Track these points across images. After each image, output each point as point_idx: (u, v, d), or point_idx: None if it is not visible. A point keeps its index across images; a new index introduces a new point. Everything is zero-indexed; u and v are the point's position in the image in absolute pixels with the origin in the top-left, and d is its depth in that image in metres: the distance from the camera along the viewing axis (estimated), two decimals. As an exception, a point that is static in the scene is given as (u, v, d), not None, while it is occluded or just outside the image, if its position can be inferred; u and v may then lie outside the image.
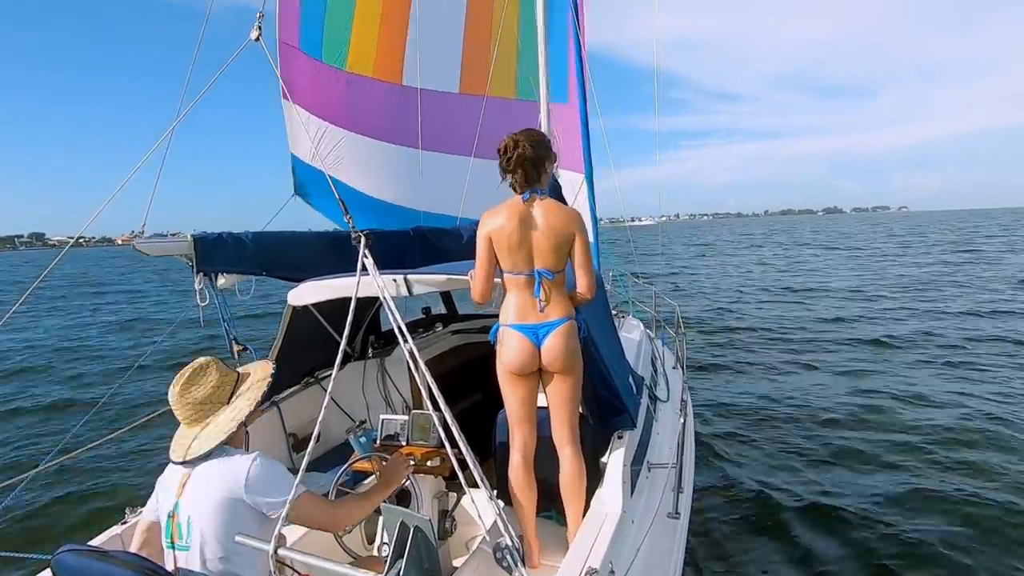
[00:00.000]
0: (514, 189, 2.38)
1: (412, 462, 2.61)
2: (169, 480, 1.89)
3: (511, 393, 2.41)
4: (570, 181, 4.23)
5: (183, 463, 1.83)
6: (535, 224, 2.29)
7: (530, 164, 2.31)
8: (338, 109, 5.50)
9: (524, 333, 2.32)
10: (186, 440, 1.87)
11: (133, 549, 1.98)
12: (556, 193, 3.60)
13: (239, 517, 1.76)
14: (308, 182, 5.36)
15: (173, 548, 1.80)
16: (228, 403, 1.94)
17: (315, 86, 5.33)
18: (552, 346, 2.30)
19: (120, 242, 2.86)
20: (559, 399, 2.38)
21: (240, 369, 2.08)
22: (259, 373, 2.04)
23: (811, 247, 39.86)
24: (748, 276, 24.01)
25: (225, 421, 1.88)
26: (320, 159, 5.24)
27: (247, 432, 2.02)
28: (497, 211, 2.35)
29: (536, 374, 2.39)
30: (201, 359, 1.98)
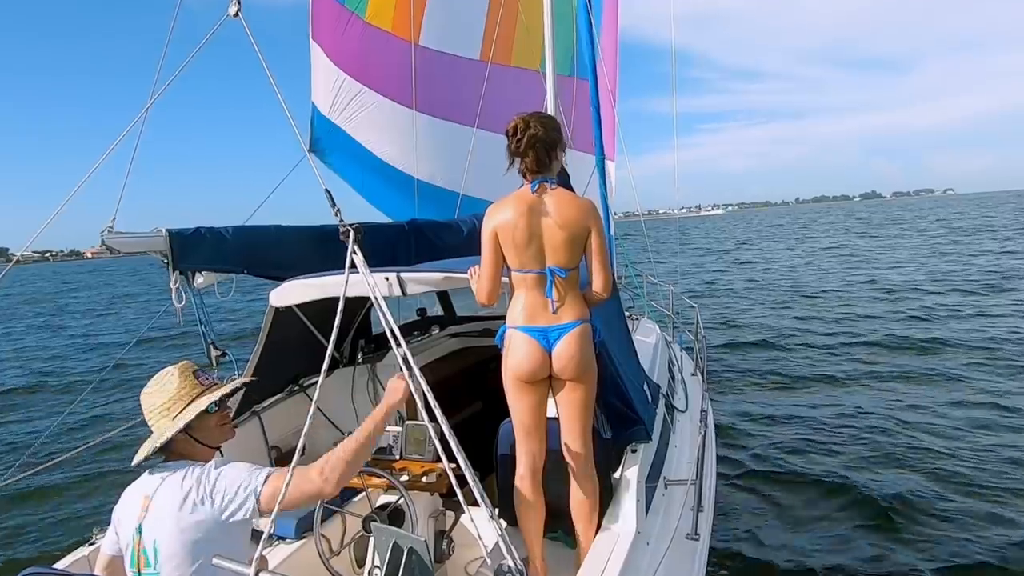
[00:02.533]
0: (523, 175, 2.37)
1: (406, 478, 2.61)
2: (127, 506, 1.88)
3: (518, 402, 2.40)
4: (592, 164, 4.24)
5: (139, 467, 1.87)
6: (546, 217, 2.27)
7: (542, 147, 2.30)
8: (356, 61, 5.64)
9: (534, 336, 2.31)
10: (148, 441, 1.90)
11: None
12: (564, 183, 3.59)
13: (209, 534, 1.76)
14: (324, 137, 5.46)
15: None
16: (197, 398, 1.91)
17: (335, 31, 5.48)
18: (565, 351, 2.29)
19: (90, 255, 2.88)
20: (571, 409, 2.38)
21: (227, 383, 2.04)
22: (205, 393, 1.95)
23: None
24: (781, 275, 23.87)
25: (156, 435, 1.87)
26: (337, 112, 5.36)
27: (219, 448, 2.00)
28: (503, 204, 2.34)
29: (546, 381, 2.38)
30: (172, 366, 1.96)
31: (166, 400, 1.89)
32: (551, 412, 2.49)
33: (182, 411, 1.86)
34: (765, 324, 13.54)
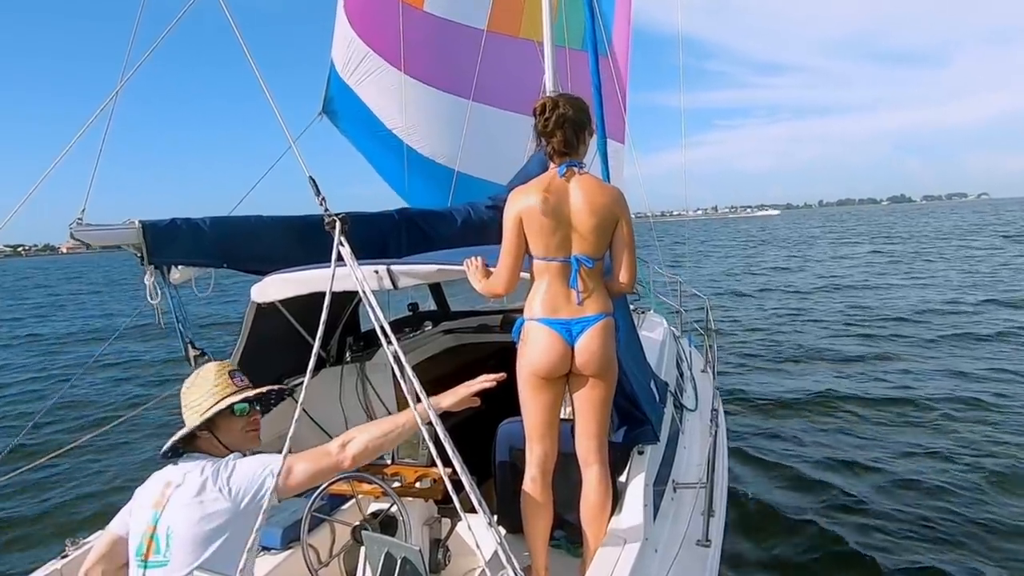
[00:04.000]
0: (551, 158, 2.39)
1: (398, 483, 2.62)
2: (148, 490, 1.96)
3: (533, 400, 2.40)
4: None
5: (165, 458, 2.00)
6: (573, 203, 2.29)
7: (571, 127, 2.33)
8: (365, 21, 5.76)
9: (556, 329, 2.31)
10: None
11: (90, 563, 2.04)
12: None
13: (225, 524, 1.84)
14: (338, 97, 5.52)
15: (145, 566, 1.84)
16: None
17: None
18: (588, 346, 2.30)
19: (65, 250, 2.89)
20: (590, 408, 2.39)
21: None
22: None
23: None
24: (794, 269, 23.87)
25: (180, 433, 2.00)
26: (348, 73, 5.59)
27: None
28: (528, 188, 2.35)
29: (563, 379, 2.39)
30: (212, 362, 2.16)
31: (199, 396, 2.02)
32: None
33: (210, 408, 1.98)
34: (784, 323, 13.58)
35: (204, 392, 2.02)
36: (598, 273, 2.36)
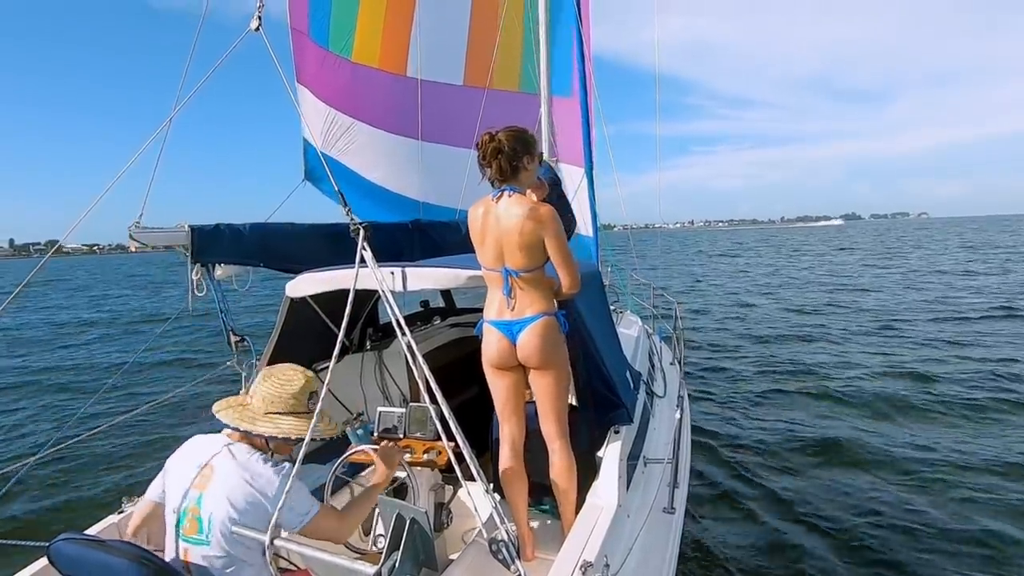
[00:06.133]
0: (492, 184, 2.35)
1: (409, 455, 2.62)
2: (185, 468, 1.86)
3: (493, 386, 2.45)
4: (571, 175, 4.24)
5: (222, 431, 1.89)
6: (502, 223, 2.25)
7: (504, 158, 2.25)
8: (345, 98, 5.55)
9: (500, 329, 2.34)
10: (237, 406, 1.92)
11: (131, 528, 2.01)
12: (556, 187, 3.57)
13: (260, 521, 1.78)
14: (318, 167, 5.41)
15: (187, 541, 1.80)
16: (297, 415, 1.94)
17: (322, 74, 5.38)
18: (526, 343, 2.30)
19: (134, 249, 2.86)
20: (542, 394, 2.40)
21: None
22: (324, 428, 2.02)
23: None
24: (752, 275, 23.93)
25: (286, 427, 1.90)
26: (329, 145, 5.30)
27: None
28: (475, 205, 2.37)
29: (518, 368, 2.40)
30: (302, 373, 2.02)
31: (275, 394, 1.91)
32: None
33: (282, 419, 1.90)
34: (740, 321, 13.59)
35: (282, 395, 1.92)
36: (531, 281, 2.29)
